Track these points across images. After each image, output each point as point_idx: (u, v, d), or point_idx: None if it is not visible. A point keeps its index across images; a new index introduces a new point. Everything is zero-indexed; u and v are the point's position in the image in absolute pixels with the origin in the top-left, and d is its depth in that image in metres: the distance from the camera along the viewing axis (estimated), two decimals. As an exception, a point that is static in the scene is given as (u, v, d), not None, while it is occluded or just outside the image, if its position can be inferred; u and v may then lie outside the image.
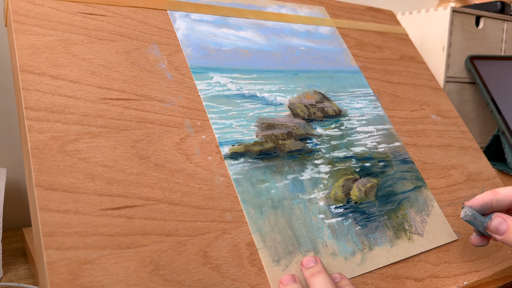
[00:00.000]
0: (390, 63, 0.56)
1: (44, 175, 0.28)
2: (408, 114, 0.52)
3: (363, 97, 0.49)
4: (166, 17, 0.42)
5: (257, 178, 0.36)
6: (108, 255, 0.28)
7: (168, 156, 0.34)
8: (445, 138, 0.53)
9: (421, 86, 0.57)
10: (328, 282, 0.31)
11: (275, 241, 0.34)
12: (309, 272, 0.32)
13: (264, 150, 0.38)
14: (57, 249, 0.26)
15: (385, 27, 0.60)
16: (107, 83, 0.35)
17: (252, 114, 0.40)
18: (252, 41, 0.46)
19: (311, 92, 0.46)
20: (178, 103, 0.37)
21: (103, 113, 0.33)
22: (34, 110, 0.30)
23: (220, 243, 0.32)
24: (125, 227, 0.29)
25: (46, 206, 0.27)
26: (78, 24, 0.36)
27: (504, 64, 0.76)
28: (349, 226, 0.38)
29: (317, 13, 0.54)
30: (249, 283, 0.31)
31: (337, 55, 0.51)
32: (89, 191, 0.29)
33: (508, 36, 0.82)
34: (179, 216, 0.31)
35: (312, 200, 0.38)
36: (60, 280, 0.26)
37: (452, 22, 0.72)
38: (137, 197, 0.31)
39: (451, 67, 0.73)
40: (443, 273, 0.40)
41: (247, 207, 0.34)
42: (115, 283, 0.27)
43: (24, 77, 0.32)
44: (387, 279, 0.37)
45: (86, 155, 0.31)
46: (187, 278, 0.29)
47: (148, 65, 0.38)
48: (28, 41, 0.33)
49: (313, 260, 0.33)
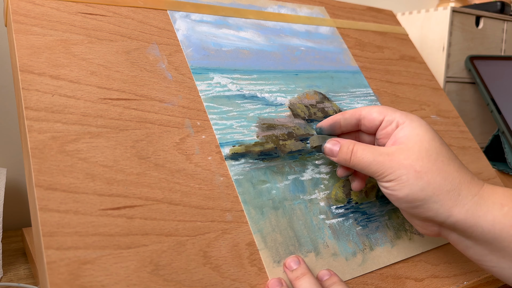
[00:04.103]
0: (390, 63, 0.56)
1: (44, 175, 0.28)
2: (408, 114, 0.52)
3: (363, 97, 0.49)
4: (166, 17, 0.42)
5: (258, 179, 0.36)
6: (108, 255, 0.28)
7: (168, 156, 0.34)
8: (445, 138, 0.53)
9: (421, 86, 0.57)
10: (313, 284, 0.31)
11: (276, 241, 0.34)
12: (293, 275, 0.32)
13: (264, 151, 0.38)
14: (57, 249, 0.26)
15: (385, 27, 0.60)
16: (107, 83, 0.35)
17: (253, 115, 0.40)
18: (252, 42, 0.46)
19: (311, 93, 0.46)
20: (178, 103, 0.37)
21: (103, 113, 0.33)
22: (34, 110, 0.30)
23: (220, 243, 0.32)
24: (125, 227, 0.29)
25: (46, 206, 0.27)
26: (78, 24, 0.36)
27: (504, 64, 0.76)
28: (350, 226, 0.38)
29: (317, 13, 0.54)
30: (249, 283, 0.31)
31: (337, 55, 0.51)
32: (89, 191, 0.29)
33: (508, 36, 0.82)
34: (179, 216, 0.31)
35: (313, 201, 0.38)
36: (60, 280, 0.26)
37: (452, 22, 0.72)
38: (137, 197, 0.31)
39: (451, 67, 0.73)
40: (443, 273, 0.40)
41: (248, 208, 0.34)
42: (115, 283, 0.27)
43: (24, 77, 0.32)
44: (387, 279, 0.37)
45: (86, 155, 0.31)
46: (187, 278, 0.29)
47: (148, 65, 0.38)
48: (28, 41, 0.33)
49: (296, 261, 0.33)
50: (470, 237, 0.32)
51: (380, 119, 0.36)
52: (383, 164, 0.33)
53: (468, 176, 0.33)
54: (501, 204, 0.31)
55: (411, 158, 0.32)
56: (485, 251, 0.32)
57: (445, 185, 0.31)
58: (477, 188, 0.32)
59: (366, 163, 0.34)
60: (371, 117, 0.36)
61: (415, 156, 0.32)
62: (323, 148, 0.38)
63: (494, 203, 0.31)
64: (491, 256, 0.32)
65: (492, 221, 0.30)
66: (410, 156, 0.32)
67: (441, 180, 0.31)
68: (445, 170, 0.32)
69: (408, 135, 0.34)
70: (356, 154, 0.34)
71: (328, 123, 0.38)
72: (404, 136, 0.34)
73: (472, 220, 0.31)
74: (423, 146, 0.33)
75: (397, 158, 0.32)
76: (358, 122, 0.37)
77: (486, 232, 0.31)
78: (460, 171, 0.32)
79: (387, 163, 0.32)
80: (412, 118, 0.35)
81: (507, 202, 0.31)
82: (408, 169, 0.32)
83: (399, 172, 0.32)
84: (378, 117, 0.36)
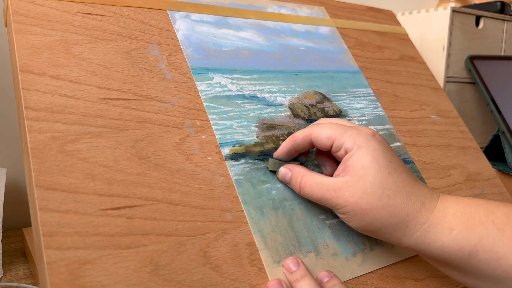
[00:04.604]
0: (390, 63, 0.56)
1: (44, 175, 0.28)
2: (408, 114, 0.52)
3: (363, 97, 0.49)
4: (166, 17, 0.42)
5: (258, 179, 0.36)
6: (108, 255, 0.28)
7: (168, 156, 0.34)
8: (445, 138, 0.53)
9: (421, 86, 0.57)
10: (313, 286, 0.31)
11: (276, 242, 0.34)
12: (293, 277, 0.32)
13: (264, 151, 0.38)
14: (57, 249, 0.26)
15: (385, 27, 0.60)
16: (107, 83, 0.35)
17: (253, 115, 0.40)
18: (252, 42, 0.46)
19: (311, 93, 0.46)
20: (178, 103, 0.37)
21: (103, 113, 0.33)
22: (34, 110, 0.30)
23: (220, 243, 0.32)
24: (125, 227, 0.29)
25: (46, 206, 0.27)
26: (78, 24, 0.36)
27: (504, 64, 0.76)
28: (350, 226, 0.38)
29: (317, 13, 0.54)
30: (249, 283, 0.31)
31: (337, 55, 0.51)
32: (89, 191, 0.29)
33: (508, 36, 0.82)
34: (179, 216, 0.31)
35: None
36: (60, 280, 0.26)
37: (452, 22, 0.72)
38: (137, 197, 0.31)
39: (451, 67, 0.73)
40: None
41: (248, 208, 0.34)
42: (115, 283, 0.27)
43: (24, 77, 0.32)
44: (387, 279, 0.37)
45: (86, 155, 0.31)
46: (187, 278, 0.29)
47: (148, 65, 0.38)
48: (28, 41, 0.33)
49: (295, 262, 0.33)
50: (424, 256, 0.34)
51: (329, 144, 0.34)
52: (331, 200, 0.33)
53: (418, 203, 0.32)
54: (449, 229, 0.31)
55: (356, 195, 0.32)
56: (441, 266, 0.33)
57: (391, 219, 0.32)
58: (426, 215, 0.32)
59: (316, 199, 0.34)
60: (320, 142, 0.35)
61: (359, 193, 0.32)
62: (277, 174, 0.37)
63: (443, 229, 0.31)
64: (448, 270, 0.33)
65: (440, 246, 0.31)
66: (355, 193, 0.32)
67: (387, 215, 0.32)
68: (391, 204, 0.32)
69: (354, 166, 0.33)
70: (304, 189, 0.35)
71: (283, 152, 0.37)
72: (351, 166, 0.33)
73: (422, 246, 0.32)
74: (368, 181, 0.32)
75: (343, 195, 0.32)
76: (311, 144, 0.36)
77: (436, 255, 0.32)
78: (408, 202, 0.32)
79: (334, 200, 0.33)
80: (360, 143, 0.33)
81: (456, 226, 0.31)
82: (354, 206, 0.32)
83: (346, 209, 0.33)
84: (327, 142, 0.34)
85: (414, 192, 0.33)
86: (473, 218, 0.31)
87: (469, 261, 0.31)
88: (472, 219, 0.31)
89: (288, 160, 0.38)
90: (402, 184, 0.33)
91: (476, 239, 0.30)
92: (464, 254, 0.31)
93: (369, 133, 0.34)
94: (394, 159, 0.34)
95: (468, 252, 0.30)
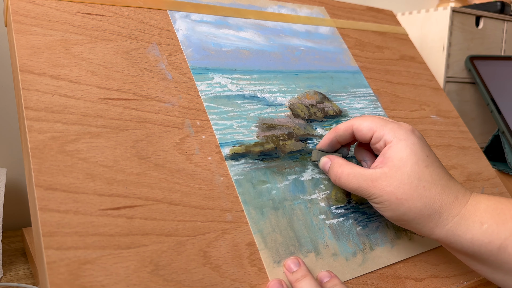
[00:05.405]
0: (390, 63, 0.56)
1: (44, 175, 0.28)
2: (408, 114, 0.52)
3: (363, 97, 0.49)
4: (166, 17, 0.42)
5: (258, 179, 0.36)
6: (108, 255, 0.28)
7: (168, 156, 0.34)
8: (445, 138, 0.53)
9: (421, 86, 0.57)
10: (313, 286, 0.31)
11: (276, 242, 0.34)
12: (293, 277, 0.32)
13: (264, 151, 0.38)
14: (57, 249, 0.26)
15: (385, 27, 0.60)
16: (107, 83, 0.35)
17: (253, 115, 0.40)
18: (253, 42, 0.46)
19: (311, 93, 0.46)
20: (178, 103, 0.37)
21: (103, 113, 0.33)
22: (34, 110, 0.30)
23: (220, 243, 0.32)
24: (125, 227, 0.29)
25: (46, 206, 0.27)
26: (78, 24, 0.36)
27: (504, 64, 0.76)
28: (350, 226, 0.38)
29: (317, 13, 0.54)
30: (249, 283, 0.31)
31: (337, 55, 0.51)
32: (89, 191, 0.29)
33: (508, 36, 0.82)
34: (179, 216, 0.31)
35: (313, 201, 0.38)
36: (60, 280, 0.26)
37: (452, 22, 0.72)
38: (137, 197, 0.31)
39: (451, 67, 0.73)
40: (443, 273, 0.40)
41: (248, 208, 0.34)
42: (115, 283, 0.27)
43: (24, 77, 0.32)
44: (387, 279, 0.37)
45: (86, 155, 0.31)
46: (187, 278, 0.29)
47: (148, 65, 0.38)
48: (28, 41, 0.33)
49: (296, 263, 0.33)
50: (453, 250, 0.34)
51: (370, 136, 0.36)
52: (367, 190, 0.34)
53: (451, 196, 0.33)
54: (480, 223, 0.32)
55: (393, 185, 0.33)
56: (470, 261, 0.34)
57: (426, 210, 0.33)
58: (459, 208, 0.33)
59: (352, 189, 0.35)
60: (361, 133, 0.37)
61: (396, 183, 0.33)
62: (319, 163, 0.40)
63: (474, 222, 0.32)
64: (476, 264, 0.34)
65: (471, 239, 0.32)
66: (392, 183, 0.33)
67: (422, 206, 0.33)
68: (426, 195, 0.33)
69: (393, 157, 0.34)
70: (341, 179, 0.36)
71: (326, 143, 0.39)
72: (389, 158, 0.34)
73: (452, 238, 0.33)
74: (405, 172, 0.33)
75: (380, 184, 0.34)
76: (353, 135, 0.38)
77: (466, 248, 0.33)
78: (442, 194, 0.33)
79: (371, 190, 0.34)
80: (400, 136, 0.35)
81: (486, 220, 0.32)
82: (390, 196, 0.33)
83: (381, 198, 0.34)
84: (368, 133, 0.36)
85: (449, 185, 0.34)
86: (504, 214, 0.32)
87: (498, 255, 0.31)
88: (503, 215, 0.32)
89: (331, 151, 0.40)
90: (438, 177, 0.34)
91: (506, 233, 0.31)
92: (494, 248, 0.31)
93: (409, 128, 0.36)
94: (431, 155, 0.35)
95: (497, 246, 0.31)
